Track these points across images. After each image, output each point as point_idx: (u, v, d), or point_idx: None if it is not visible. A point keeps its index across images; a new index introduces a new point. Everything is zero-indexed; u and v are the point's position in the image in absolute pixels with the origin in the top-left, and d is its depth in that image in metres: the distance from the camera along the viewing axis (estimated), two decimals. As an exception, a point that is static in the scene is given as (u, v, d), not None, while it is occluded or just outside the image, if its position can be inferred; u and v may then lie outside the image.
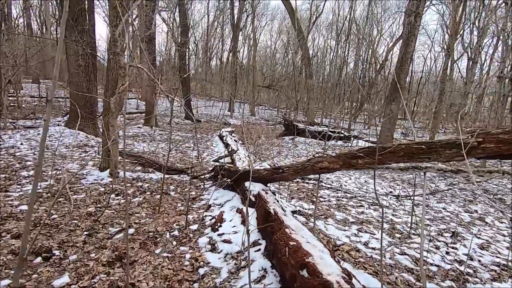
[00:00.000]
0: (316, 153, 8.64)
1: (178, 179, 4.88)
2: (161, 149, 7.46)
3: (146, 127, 10.47)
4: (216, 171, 4.58)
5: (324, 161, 2.71)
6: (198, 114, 17.14)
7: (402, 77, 9.21)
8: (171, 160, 6.34)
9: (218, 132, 10.52)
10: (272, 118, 18.18)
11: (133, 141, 8.12)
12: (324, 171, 2.78)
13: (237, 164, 5.19)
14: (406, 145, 2.09)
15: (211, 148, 8.20)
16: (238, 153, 6.06)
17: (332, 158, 2.65)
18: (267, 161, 7.08)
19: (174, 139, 8.99)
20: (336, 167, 2.63)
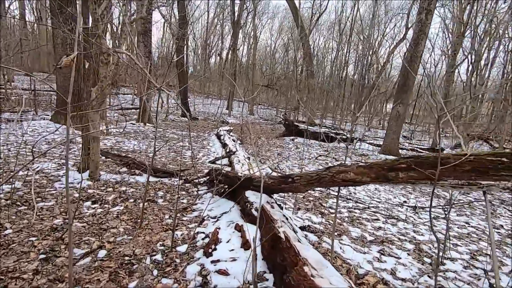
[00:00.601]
0: (318, 155, 8.05)
1: (168, 183, 4.24)
2: (153, 148, 6.81)
3: (139, 124, 9.80)
4: (212, 175, 3.96)
5: (349, 171, 2.10)
6: (196, 111, 16.48)
7: (410, 77, 8.64)
8: (162, 160, 5.71)
9: (215, 131, 9.88)
10: (271, 117, 17.57)
11: (123, 138, 7.46)
12: (349, 184, 2.18)
13: (236, 167, 4.57)
14: (477, 157, 1.49)
15: (208, 147, 7.57)
16: (237, 155, 5.44)
17: (360, 168, 2.04)
18: (268, 163, 6.48)
19: (168, 137, 8.35)
20: (365, 180, 2.02)
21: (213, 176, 3.84)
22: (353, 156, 8.92)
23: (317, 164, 7.11)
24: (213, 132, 10.05)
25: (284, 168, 6.25)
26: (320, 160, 7.72)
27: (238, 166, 4.61)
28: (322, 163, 7.38)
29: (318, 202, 4.21)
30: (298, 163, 7.05)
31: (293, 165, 6.71)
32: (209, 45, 27.40)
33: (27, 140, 5.74)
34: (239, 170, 4.39)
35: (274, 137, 10.35)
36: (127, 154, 5.82)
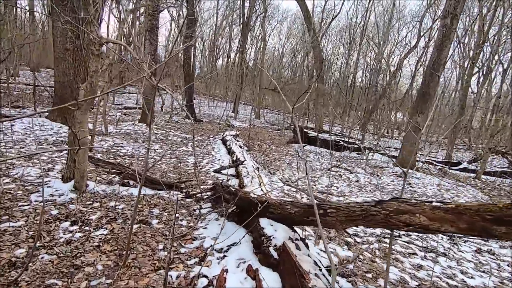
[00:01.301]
0: (332, 166, 7.38)
1: (166, 198, 3.60)
2: (153, 151, 6.19)
3: (141, 125, 9.21)
4: (217, 190, 3.33)
5: (418, 213, 1.45)
6: (201, 114, 15.89)
7: (432, 85, 7.96)
8: (162, 168, 5.08)
9: (220, 135, 9.26)
10: (277, 122, 16.93)
11: (122, 140, 6.85)
12: (415, 230, 1.52)
13: (245, 181, 3.92)
14: None
15: (212, 153, 6.94)
16: (246, 165, 4.80)
17: (438, 212, 1.38)
18: (278, 174, 5.83)
19: (170, 140, 7.73)
20: (446, 229, 1.36)
21: (220, 191, 3.20)
22: (365, 167, 8.25)
23: (331, 176, 6.45)
24: (218, 136, 9.43)
25: (296, 181, 5.60)
26: (333, 171, 7.05)
27: (247, 179, 3.96)
28: (336, 175, 6.72)
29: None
30: (310, 174, 6.39)
31: (305, 176, 6.05)
32: (217, 46, 26.89)
33: (16, 140, 5.15)
34: (249, 185, 3.74)
35: (282, 144, 9.71)
36: (124, 159, 5.21)
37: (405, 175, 1.83)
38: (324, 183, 5.76)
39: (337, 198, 4.83)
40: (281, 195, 4.50)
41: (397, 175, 7.79)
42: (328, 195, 4.89)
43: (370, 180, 6.80)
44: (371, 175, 7.35)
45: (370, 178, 7.01)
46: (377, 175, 7.33)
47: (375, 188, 6.10)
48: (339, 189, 5.49)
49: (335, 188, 5.52)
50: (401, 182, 7.07)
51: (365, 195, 5.34)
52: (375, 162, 9.11)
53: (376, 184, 6.52)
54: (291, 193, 4.67)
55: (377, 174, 7.42)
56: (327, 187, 5.45)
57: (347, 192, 5.35)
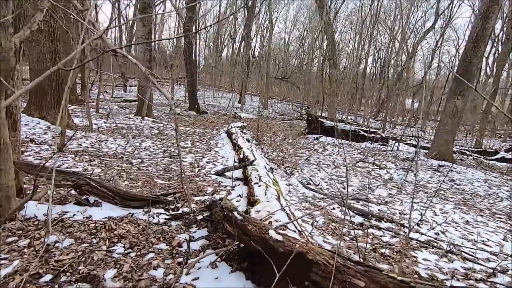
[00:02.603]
0: (357, 161, 6.08)
1: (143, 221, 2.40)
2: (143, 149, 5.01)
3: (137, 118, 8.03)
4: (213, 212, 2.11)
5: None
6: (205, 105, 14.66)
7: (474, 62, 6.52)
8: (149, 171, 3.88)
9: (226, 127, 8.03)
10: (287, 112, 15.58)
11: (109, 135, 5.68)
12: None
13: (256, 191, 2.69)
14: None
15: (215, 149, 5.71)
16: (256, 166, 3.56)
17: None
18: (297, 173, 4.57)
19: (166, 135, 6.52)
20: None
21: (217, 217, 1.99)
22: (393, 160, 6.93)
23: (359, 175, 5.17)
24: (223, 128, 8.19)
25: (319, 182, 4.34)
26: (359, 167, 5.76)
27: (260, 189, 2.72)
28: (363, 172, 5.44)
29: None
30: (333, 172, 5.13)
31: (329, 175, 4.79)
32: (221, 35, 25.43)
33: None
34: (262, 198, 2.51)
35: (295, 136, 8.42)
36: (102, 160, 4.02)
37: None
38: (354, 184, 4.49)
39: (378, 207, 3.57)
40: (305, 206, 3.26)
41: (433, 169, 6.45)
42: (366, 203, 3.63)
43: (405, 177, 5.50)
44: (404, 170, 6.04)
45: (404, 175, 5.71)
46: (411, 171, 6.02)
47: (416, 188, 4.80)
48: (376, 192, 4.21)
49: (370, 191, 4.25)
50: (442, 178, 5.75)
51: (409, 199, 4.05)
52: (402, 154, 7.77)
53: (414, 182, 5.22)
54: (316, 197, 3.43)
55: (412, 169, 6.10)
56: (360, 189, 4.18)
57: (386, 196, 4.08)
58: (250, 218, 1.72)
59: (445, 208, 3.90)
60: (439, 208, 3.85)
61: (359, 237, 2.62)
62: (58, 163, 3.67)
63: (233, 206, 1.94)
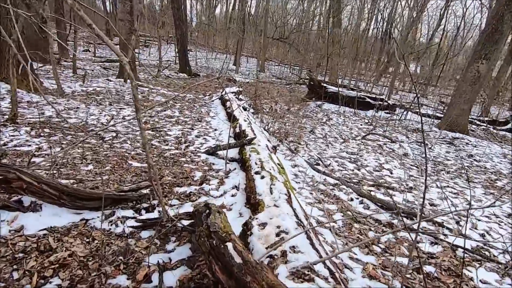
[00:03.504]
0: (366, 133, 5.36)
1: (101, 231, 1.68)
2: (121, 120, 4.17)
3: (119, 80, 7.02)
4: (200, 237, 1.38)
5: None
6: (197, 67, 13.43)
7: (506, 19, 5.54)
8: (124, 149, 3.09)
9: (219, 93, 7.12)
10: (285, 76, 14.46)
11: (81, 102, 4.78)
12: None
13: (258, 187, 1.96)
14: None
15: (207, 119, 4.89)
16: (256, 146, 2.81)
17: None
18: (302, 149, 3.84)
19: (152, 101, 5.61)
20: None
21: (203, 245, 1.26)
22: (404, 131, 6.23)
23: (371, 150, 4.48)
24: (216, 94, 7.28)
25: (329, 162, 3.63)
26: (369, 140, 5.06)
27: (263, 184, 1.99)
28: (375, 146, 4.74)
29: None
30: (343, 147, 4.41)
31: (339, 152, 4.07)
32: (214, -10, 23.02)
33: None
34: (266, 198, 1.79)
35: (296, 102, 7.56)
36: (70, 131, 3.22)
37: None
38: (369, 162, 3.80)
39: (402, 196, 2.90)
40: (318, 196, 2.58)
41: (446, 141, 5.79)
42: (388, 189, 2.96)
43: (421, 152, 4.84)
44: (418, 144, 5.36)
45: (419, 149, 5.04)
46: (425, 144, 5.35)
47: (435, 167, 4.15)
48: (394, 174, 3.54)
49: (387, 172, 3.58)
50: (459, 153, 5.10)
51: (432, 181, 3.40)
52: (411, 124, 7.06)
53: (429, 158, 4.57)
54: (328, 182, 2.74)
55: (426, 143, 5.43)
56: (373, 170, 3.51)
57: (407, 178, 3.42)
58: (254, 265, 1.00)
59: (476, 195, 3.27)
60: (470, 195, 3.22)
61: (392, 246, 1.98)
62: (5, 140, 2.85)
63: (226, 230, 1.21)
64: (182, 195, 2.26)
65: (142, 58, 13.39)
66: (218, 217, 1.31)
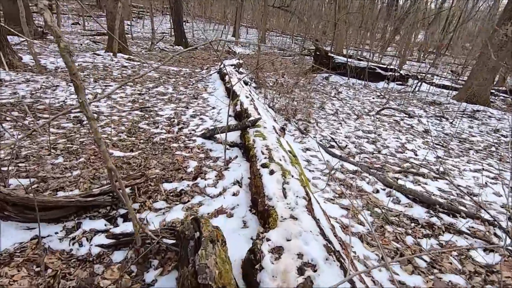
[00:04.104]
0: (381, 108, 4.80)
1: (59, 253, 1.23)
2: (106, 101, 3.64)
3: (108, 54, 6.36)
4: (184, 268, 0.92)
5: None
6: (194, 39, 12.53)
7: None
8: (105, 134, 2.59)
9: (218, 66, 6.48)
10: (287, 47, 13.53)
11: (62, 79, 4.21)
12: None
13: (268, 188, 1.49)
14: None
15: (204, 96, 4.33)
16: (261, 129, 2.30)
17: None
18: (313, 129, 3.33)
19: (142, 76, 5.04)
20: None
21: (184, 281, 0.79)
22: (420, 104, 5.65)
23: (388, 127, 3.95)
24: (214, 67, 6.63)
25: (345, 143, 3.13)
26: (384, 116, 4.52)
27: (273, 183, 1.52)
28: (391, 122, 4.21)
29: None
30: (358, 125, 3.88)
31: (354, 131, 3.56)
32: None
33: None
34: (278, 202, 1.32)
35: (301, 75, 6.90)
36: (44, 113, 2.73)
37: None
38: (389, 142, 3.30)
39: (435, 184, 2.43)
40: (336, 188, 2.11)
41: (467, 115, 5.23)
42: (417, 176, 2.49)
43: (443, 128, 4.32)
44: (437, 118, 4.82)
45: (440, 124, 4.51)
46: (445, 118, 4.80)
47: (462, 144, 3.65)
48: (419, 155, 3.05)
49: (412, 153, 3.08)
50: (486, 128, 4.57)
51: (463, 163, 2.91)
52: (425, 96, 6.45)
53: (452, 135, 4.05)
54: (346, 169, 2.27)
55: (445, 117, 4.88)
56: (395, 151, 3.01)
57: (435, 161, 2.94)
58: None
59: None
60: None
61: (439, 256, 1.53)
62: (-40, 127, 2.36)
63: (223, 283, 0.74)
64: (172, 194, 1.80)
65: (135, 31, 12.47)
66: (212, 252, 0.84)
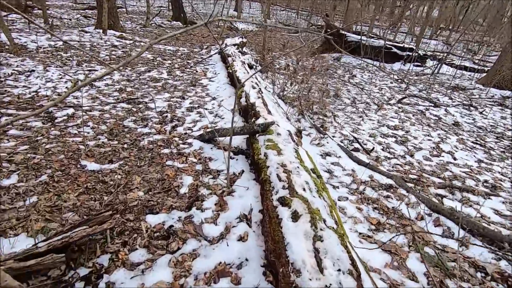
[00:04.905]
0: (402, 97, 4.19)
1: None
2: (87, 90, 3.07)
3: (97, 32, 5.66)
4: None
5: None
6: (193, 14, 11.57)
7: None
8: (79, 137, 2.07)
9: (219, 45, 5.77)
10: (293, 23, 12.52)
11: (40, 62, 3.61)
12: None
13: (292, 244, 0.98)
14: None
15: (203, 83, 3.73)
16: (274, 136, 1.75)
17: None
18: (331, 124, 2.78)
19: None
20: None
21: None
22: (443, 89, 5.02)
23: (413, 118, 3.39)
24: (216, 47, 5.93)
25: (371, 144, 2.59)
26: (407, 105, 3.93)
27: (299, 241, 1.01)
28: (417, 113, 3.64)
29: None
30: (380, 117, 3.32)
31: (377, 126, 3.00)
32: None
33: None
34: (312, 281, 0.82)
35: (310, 56, 6.20)
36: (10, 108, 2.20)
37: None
38: (421, 142, 2.75)
39: (487, 203, 1.93)
40: (370, 215, 1.62)
41: (496, 102, 4.63)
42: (464, 192, 1.98)
43: (474, 120, 3.74)
44: (466, 107, 4.22)
45: (470, 115, 3.94)
46: (473, 107, 4.20)
47: (499, 141, 3.10)
48: (458, 159, 2.52)
49: (449, 157, 2.55)
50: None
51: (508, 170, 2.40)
52: (447, 80, 5.79)
53: (485, 129, 3.49)
54: (377, 181, 1.75)
55: (474, 105, 4.28)
56: (430, 155, 2.48)
57: (477, 167, 2.41)
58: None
59: None
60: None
61: None
62: None
63: None
64: (157, 236, 1.31)
65: (131, 4, 11.51)
66: None
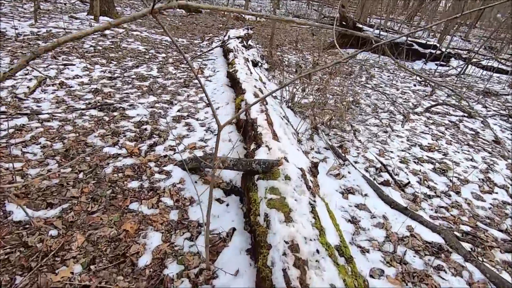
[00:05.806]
0: (431, 106, 3.55)
1: None
2: (55, 91, 2.51)
3: (88, 18, 5.05)
4: None
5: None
6: (199, 0, 10.80)
7: None
8: (21, 159, 1.52)
9: (222, 37, 5.15)
10: (303, 14, 11.69)
11: (9, 54, 3.04)
12: None
13: None
14: None
15: (203, 80, 3.15)
16: (281, 185, 1.16)
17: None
18: (351, 150, 2.20)
19: (123, 50, 3.76)
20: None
21: None
22: (472, 94, 4.35)
23: (448, 134, 2.77)
24: (219, 38, 5.28)
25: (405, 175, 2.01)
26: (436, 114, 3.30)
27: None
28: (450, 126, 3.01)
29: None
30: (409, 133, 2.70)
31: (407, 146, 2.40)
32: None
33: None
34: None
35: (321, 51, 5.52)
36: None
37: None
38: (465, 171, 2.15)
39: None
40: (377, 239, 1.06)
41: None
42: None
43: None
44: (504, 118, 3.58)
45: (509, 128, 3.30)
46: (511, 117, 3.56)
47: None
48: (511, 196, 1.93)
49: (503, 193, 1.96)
50: None
51: None
52: (475, 82, 5.09)
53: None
54: (419, 236, 1.21)
55: None
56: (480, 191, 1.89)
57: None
58: None
59: None
60: None
61: None
62: None
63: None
64: None
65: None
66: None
